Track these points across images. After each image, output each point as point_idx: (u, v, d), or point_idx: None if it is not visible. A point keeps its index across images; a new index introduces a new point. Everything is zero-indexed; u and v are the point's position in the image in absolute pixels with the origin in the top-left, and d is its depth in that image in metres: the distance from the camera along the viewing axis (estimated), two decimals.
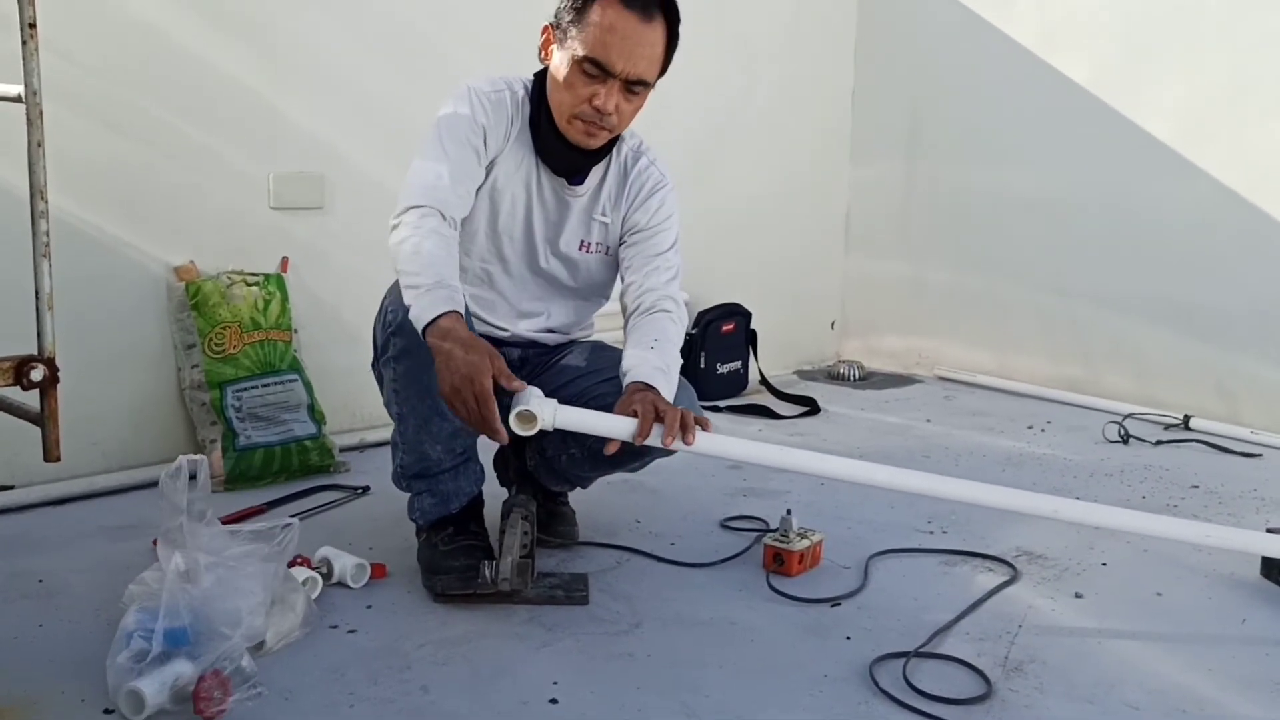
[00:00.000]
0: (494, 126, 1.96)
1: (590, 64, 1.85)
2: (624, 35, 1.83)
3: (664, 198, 2.09)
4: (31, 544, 2.17)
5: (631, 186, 2.07)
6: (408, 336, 1.84)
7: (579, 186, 2.04)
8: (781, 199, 4.13)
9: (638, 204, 2.07)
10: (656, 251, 2.07)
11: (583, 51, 1.84)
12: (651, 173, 2.08)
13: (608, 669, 1.71)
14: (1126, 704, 1.65)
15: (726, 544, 2.27)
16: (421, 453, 1.96)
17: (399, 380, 1.92)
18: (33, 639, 1.75)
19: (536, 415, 1.67)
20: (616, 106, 1.88)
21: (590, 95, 1.87)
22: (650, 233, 2.08)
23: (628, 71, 1.85)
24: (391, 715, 1.55)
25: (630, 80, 1.86)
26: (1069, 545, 2.33)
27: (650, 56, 1.87)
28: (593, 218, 2.08)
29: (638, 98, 1.91)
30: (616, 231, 2.10)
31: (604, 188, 2.07)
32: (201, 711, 1.49)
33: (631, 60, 1.84)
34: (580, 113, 1.89)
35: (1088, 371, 3.81)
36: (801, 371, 4.26)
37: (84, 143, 2.42)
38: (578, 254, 2.10)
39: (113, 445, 2.55)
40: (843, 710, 1.60)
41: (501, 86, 2.00)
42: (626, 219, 2.08)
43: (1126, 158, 3.63)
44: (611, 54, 1.83)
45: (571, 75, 1.87)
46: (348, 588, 1.97)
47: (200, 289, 2.58)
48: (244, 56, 2.69)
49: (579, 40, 1.85)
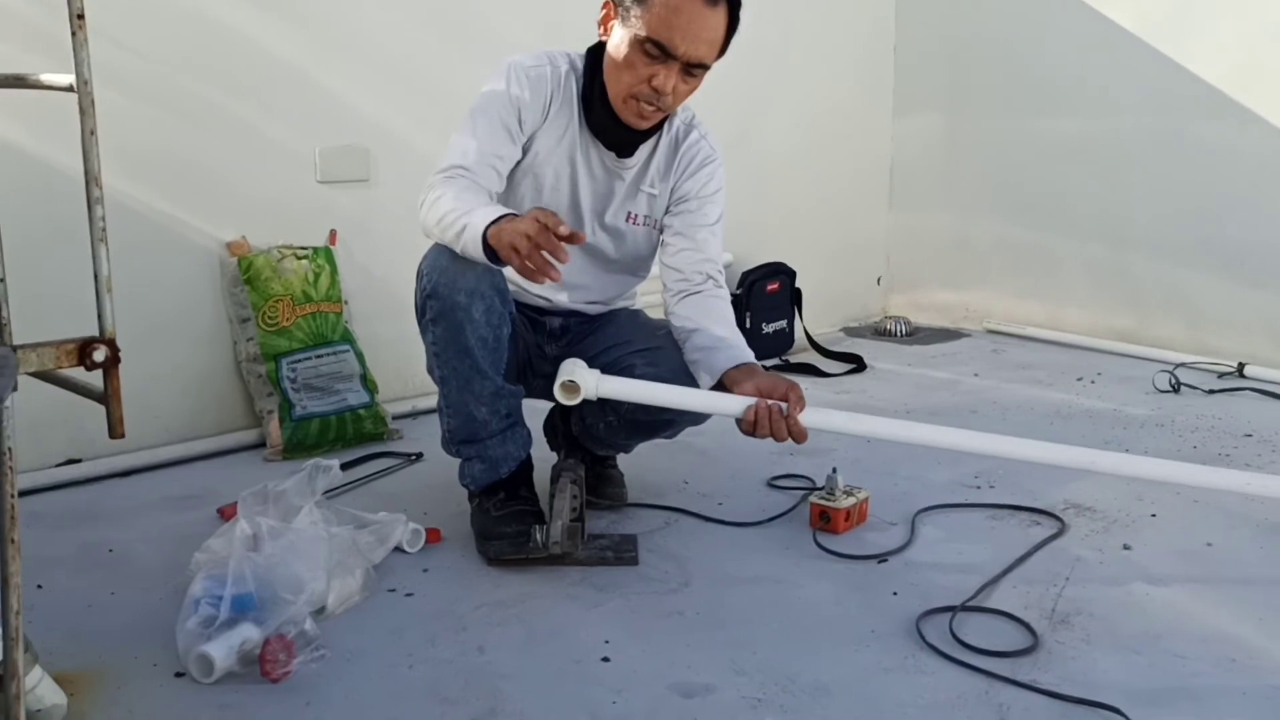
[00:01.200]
0: (531, 102, 1.97)
1: (652, 45, 1.84)
2: (689, 18, 1.83)
3: (713, 171, 2.11)
4: (100, 515, 2.25)
5: (682, 159, 2.09)
6: (442, 299, 1.88)
7: (628, 159, 2.05)
8: (823, 155, 4.11)
9: (687, 176, 2.09)
10: (705, 223, 2.10)
11: (645, 32, 1.84)
12: (702, 146, 2.09)
13: (657, 627, 1.75)
14: (1174, 654, 1.66)
15: (774, 503, 2.30)
16: (467, 414, 2.00)
17: (438, 342, 1.95)
18: (105, 607, 1.83)
19: (579, 384, 1.70)
20: (674, 88, 1.88)
21: (650, 75, 1.87)
22: (697, 204, 2.10)
23: (689, 54, 1.85)
24: (449, 675, 1.60)
25: (690, 63, 1.86)
26: (1118, 497, 2.33)
27: (712, 40, 1.87)
28: (640, 189, 2.09)
29: (695, 79, 1.91)
30: (664, 203, 2.11)
31: (654, 160, 2.08)
32: (268, 673, 1.55)
33: (694, 43, 1.84)
34: (638, 92, 1.89)
35: (1139, 321, 3.76)
36: (848, 328, 4.26)
37: (137, 126, 2.47)
38: (625, 225, 2.12)
39: (174, 418, 2.62)
40: (889, 664, 1.63)
41: (543, 62, 2.00)
42: (675, 190, 2.10)
43: (1175, 101, 3.56)
44: (675, 36, 1.83)
45: (632, 54, 1.87)
46: (404, 552, 2.02)
47: (252, 264, 2.64)
48: (288, 34, 2.72)
49: (642, 20, 1.85)
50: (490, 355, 1.94)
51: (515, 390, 2.02)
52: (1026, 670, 1.60)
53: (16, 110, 2.20)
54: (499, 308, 1.93)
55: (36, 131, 2.27)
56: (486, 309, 1.90)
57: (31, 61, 1.78)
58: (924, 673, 1.60)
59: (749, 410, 1.82)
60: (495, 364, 1.96)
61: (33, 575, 1.89)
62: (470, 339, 1.90)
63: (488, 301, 1.90)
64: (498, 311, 1.92)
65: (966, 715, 1.48)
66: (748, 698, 1.54)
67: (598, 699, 1.53)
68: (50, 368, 1.24)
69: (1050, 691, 1.53)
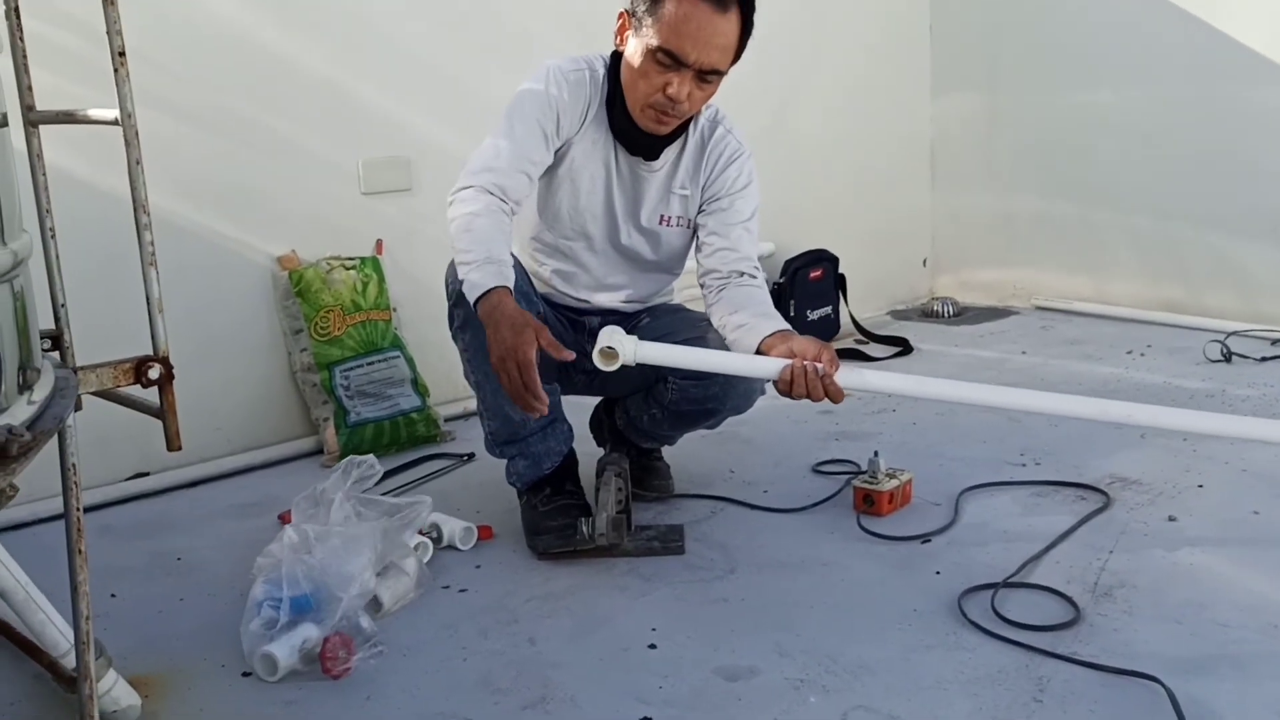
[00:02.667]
0: (570, 105, 2.00)
1: (664, 54, 1.86)
2: (698, 25, 1.83)
3: (742, 166, 2.11)
4: (169, 525, 2.34)
5: (709, 157, 2.10)
6: (468, 307, 1.93)
7: (655, 163, 2.08)
8: (862, 138, 4.11)
9: (716, 173, 2.10)
10: (738, 220, 2.11)
11: (656, 41, 1.86)
12: (729, 141, 2.10)
13: (703, 614, 1.79)
14: (1216, 622, 1.67)
15: (818, 488, 2.33)
16: (504, 416, 2.04)
17: (469, 349, 2.02)
18: (175, 612, 1.91)
19: (618, 350, 1.74)
20: (689, 95, 1.89)
21: (664, 84, 1.89)
22: (729, 200, 2.11)
23: (701, 62, 1.86)
24: (502, 666, 1.66)
25: (703, 70, 1.88)
26: (1164, 469, 2.33)
27: (724, 46, 1.87)
28: (672, 191, 2.11)
29: (710, 85, 1.93)
30: (696, 202, 2.13)
31: (682, 160, 2.10)
32: (329, 670, 1.62)
33: (705, 51, 1.85)
34: (654, 101, 1.92)
35: (1188, 291, 3.73)
36: (895, 311, 4.26)
37: (185, 148, 2.57)
38: (658, 227, 2.14)
39: (234, 429, 2.71)
40: (931, 641, 1.66)
41: (582, 66, 2.03)
42: (706, 189, 2.11)
43: (1215, 67, 3.53)
44: (685, 44, 1.85)
45: (645, 64, 1.90)
46: (457, 550, 2.09)
47: (303, 276, 2.72)
48: (326, 51, 2.80)
49: (653, 30, 1.87)
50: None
51: (551, 388, 2.07)
52: (1068, 643, 1.62)
53: (75, 142, 2.29)
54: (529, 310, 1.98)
55: (93, 161, 2.37)
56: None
57: (79, 92, 1.87)
58: (965, 649, 1.63)
59: (784, 370, 1.81)
60: None
61: (106, 585, 1.98)
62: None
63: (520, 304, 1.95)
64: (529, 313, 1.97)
65: (1006, 689, 1.51)
66: (791, 679, 1.57)
67: (645, 684, 1.58)
68: (109, 386, 1.31)
69: (1090, 663, 1.55)
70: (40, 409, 1.09)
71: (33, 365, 1.15)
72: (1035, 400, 2.02)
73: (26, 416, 1.05)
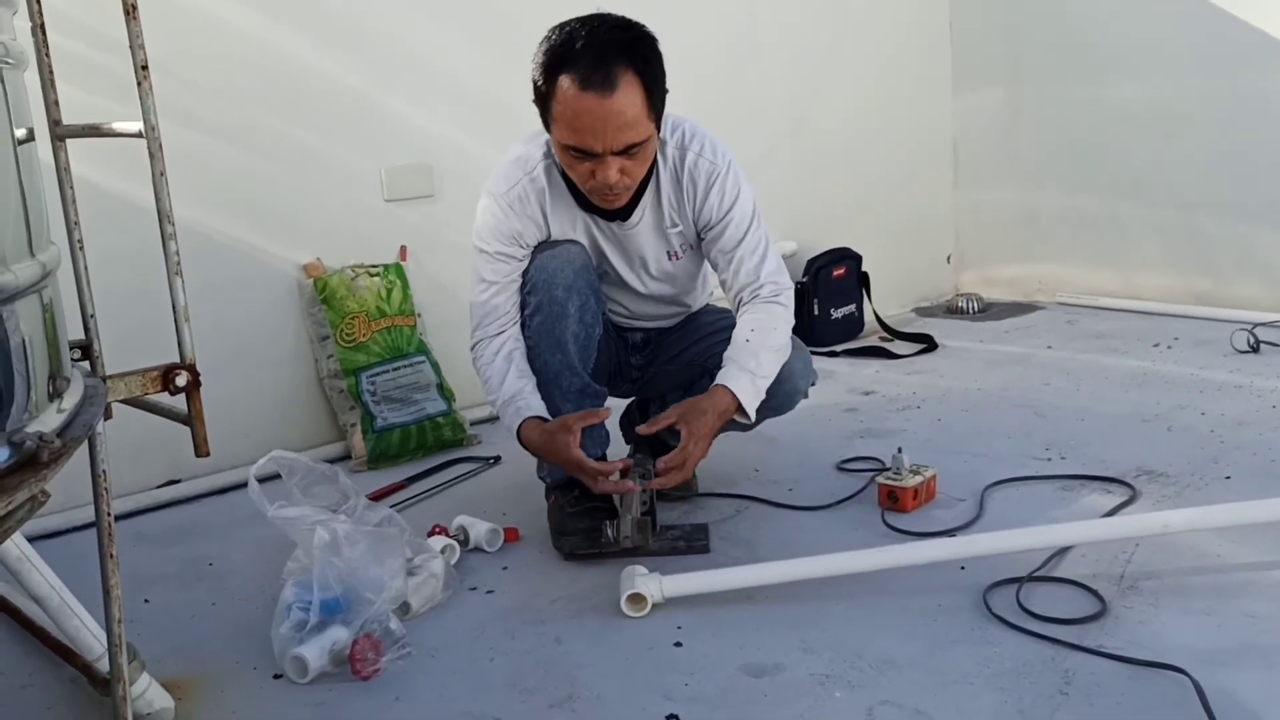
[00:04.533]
0: (526, 222, 2.01)
1: (573, 150, 1.83)
2: (591, 117, 1.78)
3: (723, 185, 2.03)
4: (200, 531, 2.37)
5: (688, 187, 2.03)
6: (541, 293, 1.96)
7: (628, 221, 2.05)
8: (884, 136, 4.11)
9: (700, 202, 2.04)
10: (734, 242, 2.06)
11: (563, 139, 1.83)
12: (701, 164, 2.02)
13: (728, 612, 1.80)
14: (1244, 613, 1.66)
15: (843, 486, 2.33)
16: (553, 408, 2.05)
17: (533, 335, 2.03)
18: (207, 616, 1.93)
19: (645, 595, 1.80)
20: (621, 171, 1.85)
21: (589, 173, 1.86)
22: (722, 226, 2.06)
23: (611, 145, 1.80)
24: (529, 666, 1.67)
25: (618, 151, 1.82)
26: (1191, 461, 2.32)
27: (628, 123, 1.80)
28: (665, 231, 2.08)
29: (640, 153, 1.86)
30: (693, 229, 2.10)
31: (662, 201, 2.05)
32: (358, 672, 1.64)
33: (609, 137, 1.79)
34: (590, 188, 1.90)
35: (1215, 283, 3.71)
36: (920, 308, 4.25)
37: (211, 159, 2.60)
38: (670, 265, 2.14)
39: (263, 436, 2.74)
40: (956, 636, 1.66)
41: (517, 178, 2.00)
42: (697, 218, 2.07)
43: (1237, 57, 3.51)
44: (586, 139, 1.80)
45: (564, 158, 1.88)
46: (484, 552, 2.10)
47: (328, 284, 2.75)
48: (348, 61, 2.83)
49: (555, 125, 1.84)
50: (581, 352, 2.03)
51: (600, 391, 2.09)
52: (1093, 636, 1.62)
53: (104, 156, 2.32)
54: (594, 307, 2.01)
55: (123, 174, 2.40)
56: (581, 306, 1.98)
57: (102, 105, 1.90)
58: (990, 643, 1.63)
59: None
60: (584, 361, 2.04)
61: (140, 591, 2.02)
62: (565, 333, 1.97)
63: (583, 299, 1.98)
64: (592, 310, 2.01)
65: (1031, 682, 1.51)
66: (816, 674, 1.58)
67: (670, 682, 1.58)
68: (137, 394, 1.33)
69: (1115, 655, 1.54)
70: (70, 417, 1.12)
71: (62, 374, 1.18)
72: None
73: (56, 424, 1.08)
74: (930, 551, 1.89)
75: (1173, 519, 1.91)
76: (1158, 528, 1.89)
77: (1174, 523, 1.89)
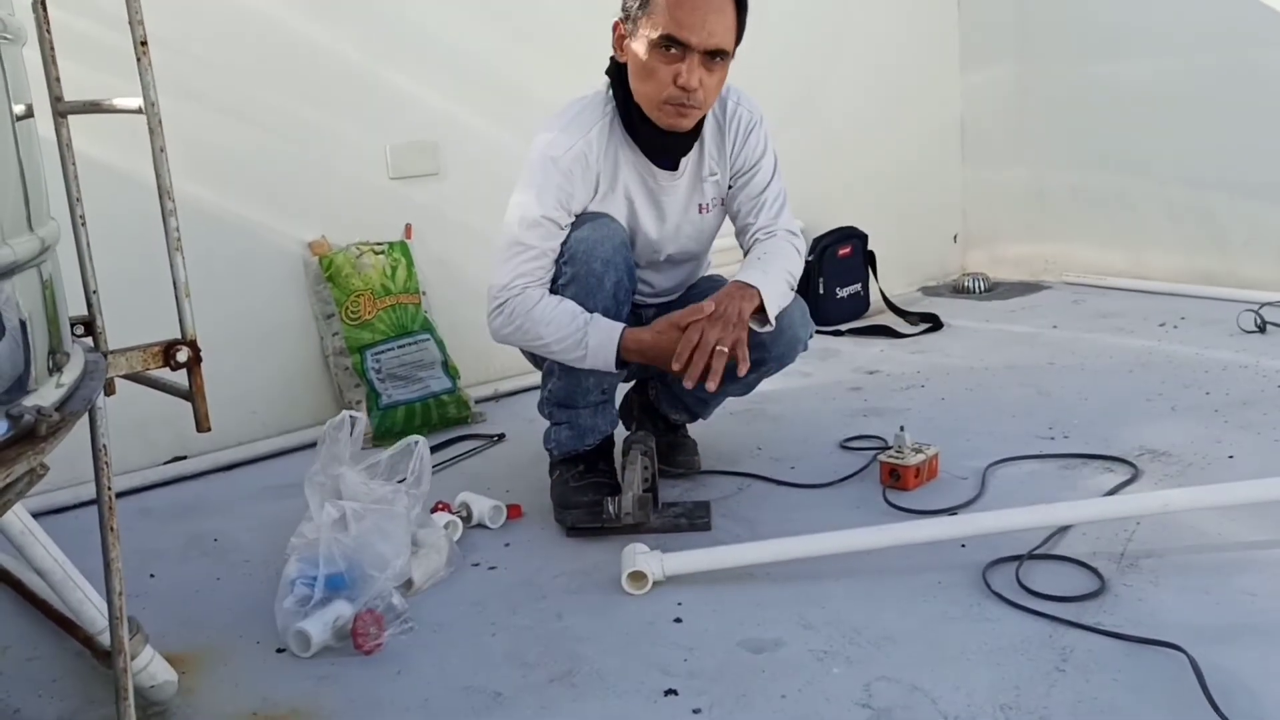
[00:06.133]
0: (581, 188, 2.01)
1: (667, 41, 1.88)
2: (693, 6, 1.86)
3: (760, 133, 2.15)
4: (206, 507, 2.38)
5: (729, 131, 2.12)
6: (578, 264, 1.96)
7: (676, 171, 2.09)
8: (891, 115, 4.10)
9: (739, 147, 2.13)
10: (759, 189, 2.15)
11: (657, 33, 1.88)
12: (741, 113, 2.12)
13: (728, 589, 1.80)
14: (1244, 591, 1.67)
15: (845, 464, 2.33)
16: (574, 378, 2.05)
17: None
18: (212, 591, 1.95)
19: (646, 573, 1.80)
20: (700, 81, 1.91)
21: (673, 75, 1.90)
22: (752, 172, 2.15)
23: (704, 42, 1.88)
24: (530, 641, 1.68)
25: (709, 50, 1.89)
26: (1194, 441, 2.32)
27: (724, 24, 1.89)
28: (703, 179, 2.13)
29: (720, 68, 1.94)
30: (727, 176, 2.16)
31: (705, 148, 2.12)
32: (360, 646, 1.65)
33: (706, 29, 1.87)
34: (668, 96, 1.92)
35: (1224, 262, 3.69)
36: (926, 288, 4.24)
37: (216, 135, 2.61)
38: (698, 217, 2.17)
39: (269, 413, 2.76)
40: (954, 613, 1.66)
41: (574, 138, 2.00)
42: (734, 163, 2.14)
43: (1247, 34, 3.49)
44: (685, 28, 1.87)
45: (651, 60, 1.91)
46: (487, 528, 2.12)
47: (333, 261, 2.76)
48: (353, 37, 2.83)
49: (650, 23, 1.89)
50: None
51: (619, 372, 2.09)
52: (1092, 613, 1.62)
53: (109, 132, 2.33)
54: (627, 285, 2.02)
55: (130, 151, 2.40)
56: (616, 282, 1.99)
57: (102, 80, 1.90)
58: (988, 620, 1.63)
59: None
60: None
61: (145, 565, 2.03)
62: (598, 306, 1.97)
63: (618, 275, 1.99)
64: (625, 288, 2.01)
65: (1029, 659, 1.51)
66: (815, 650, 1.59)
67: (669, 657, 1.59)
68: (138, 370, 1.34)
69: (1113, 632, 1.55)
70: (69, 391, 1.12)
71: (62, 349, 1.18)
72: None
73: (56, 399, 1.08)
74: (931, 530, 1.90)
75: (1174, 498, 1.91)
76: (1158, 507, 1.89)
77: (1175, 502, 1.89)
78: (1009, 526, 1.87)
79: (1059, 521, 1.91)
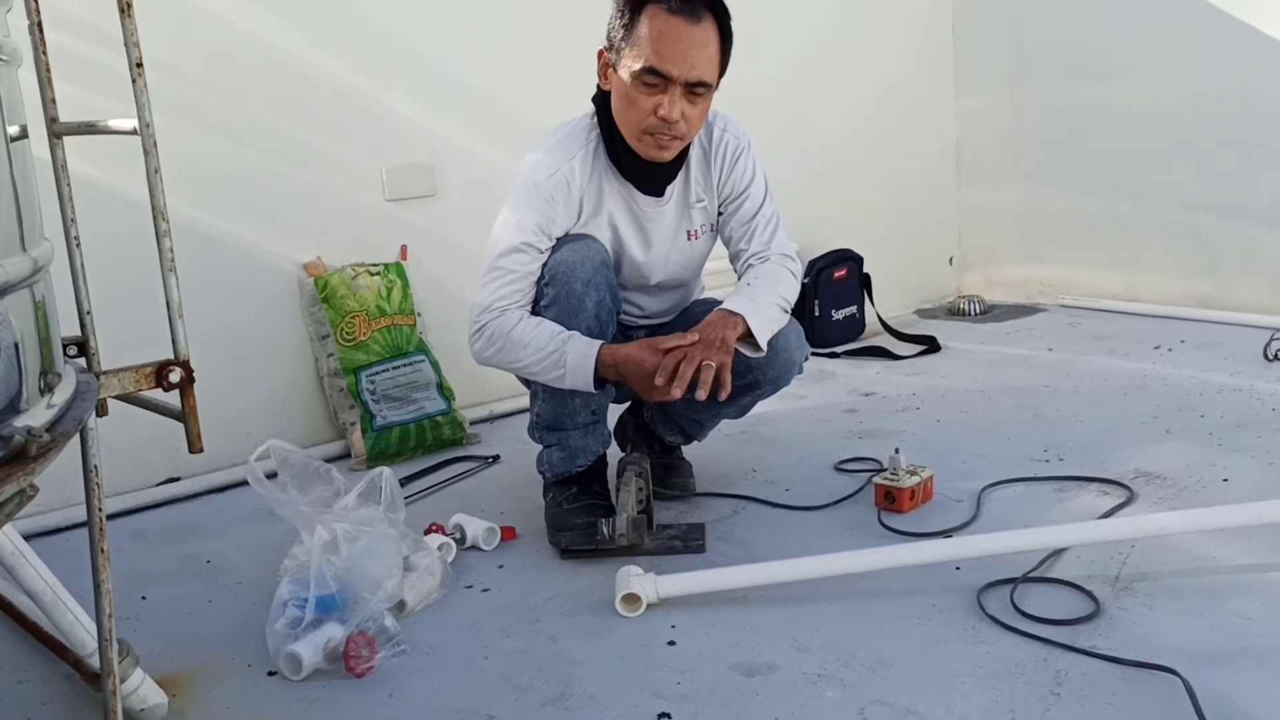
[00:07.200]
0: (563, 214, 2.02)
1: (648, 74, 1.89)
2: (675, 40, 1.86)
3: (747, 159, 2.14)
4: (198, 529, 2.38)
5: (716, 158, 2.12)
6: (559, 285, 1.96)
7: (661, 197, 2.10)
8: (887, 137, 4.11)
9: (726, 174, 2.13)
10: (750, 215, 2.15)
11: (639, 64, 1.89)
12: (728, 139, 2.12)
13: (722, 612, 1.80)
14: (1239, 615, 1.66)
15: (840, 487, 2.33)
16: (560, 401, 2.05)
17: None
18: (204, 613, 1.94)
19: (640, 595, 1.79)
20: (682, 113, 1.91)
21: (654, 106, 1.90)
22: (741, 199, 2.15)
23: (686, 75, 1.88)
24: (523, 664, 1.67)
25: (690, 83, 1.89)
26: (1190, 464, 2.31)
27: (706, 56, 1.90)
28: (690, 206, 2.14)
29: (702, 99, 1.94)
30: (715, 204, 2.16)
31: (691, 174, 2.12)
32: (352, 669, 1.64)
33: (688, 62, 1.88)
34: (648, 126, 1.93)
35: (1219, 285, 3.70)
36: (922, 310, 4.25)
37: (212, 157, 2.61)
38: (687, 244, 2.17)
39: (263, 434, 2.70)
40: (949, 636, 1.66)
41: (558, 164, 2.01)
42: (721, 191, 2.15)
43: (1242, 58, 3.50)
44: (667, 60, 1.87)
45: (633, 90, 1.92)
46: (480, 550, 2.11)
47: (328, 283, 2.76)
48: (349, 59, 2.84)
49: (633, 54, 1.90)
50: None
51: (608, 391, 2.09)
52: (1087, 637, 1.62)
53: (105, 154, 2.33)
54: (609, 304, 2.02)
55: (124, 172, 2.40)
56: (598, 302, 1.98)
57: (101, 103, 1.90)
58: (983, 643, 1.63)
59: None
60: None
61: (137, 587, 2.03)
62: (580, 327, 1.97)
63: (600, 295, 1.99)
64: (607, 308, 2.01)
65: (1023, 682, 1.51)
66: (808, 673, 1.58)
67: (663, 680, 1.59)
68: (130, 390, 1.34)
69: (1108, 656, 1.54)
70: (60, 412, 1.12)
71: (54, 370, 1.18)
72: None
73: (46, 419, 1.08)
74: (925, 552, 1.89)
75: (1168, 521, 1.90)
76: (1153, 529, 1.89)
77: (1170, 524, 1.89)
78: (1004, 549, 1.86)
79: (1054, 544, 1.90)
